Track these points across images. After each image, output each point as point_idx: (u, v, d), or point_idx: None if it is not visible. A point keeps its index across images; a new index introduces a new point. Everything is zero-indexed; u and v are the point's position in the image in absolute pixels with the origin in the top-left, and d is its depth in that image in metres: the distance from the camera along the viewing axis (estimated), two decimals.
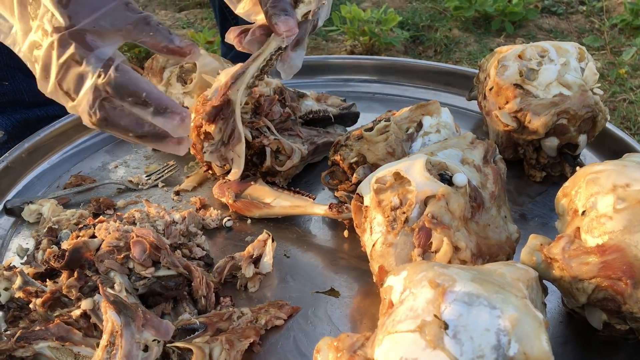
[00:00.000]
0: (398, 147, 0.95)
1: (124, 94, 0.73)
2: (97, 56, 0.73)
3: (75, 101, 0.74)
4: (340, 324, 0.83)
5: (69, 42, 0.72)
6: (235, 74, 0.93)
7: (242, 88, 0.93)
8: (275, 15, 0.88)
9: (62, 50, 0.72)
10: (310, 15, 0.93)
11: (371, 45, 2.66)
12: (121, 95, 0.73)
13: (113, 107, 0.74)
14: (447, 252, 0.73)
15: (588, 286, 0.69)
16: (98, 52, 0.73)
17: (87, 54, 0.72)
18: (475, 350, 0.55)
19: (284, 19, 0.88)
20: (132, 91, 0.73)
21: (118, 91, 0.73)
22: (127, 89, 0.73)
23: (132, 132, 0.75)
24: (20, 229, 1.02)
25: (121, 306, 0.70)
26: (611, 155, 1.07)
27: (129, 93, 0.73)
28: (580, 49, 1.07)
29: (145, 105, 0.74)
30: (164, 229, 0.92)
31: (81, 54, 0.72)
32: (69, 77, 0.73)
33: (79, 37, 0.73)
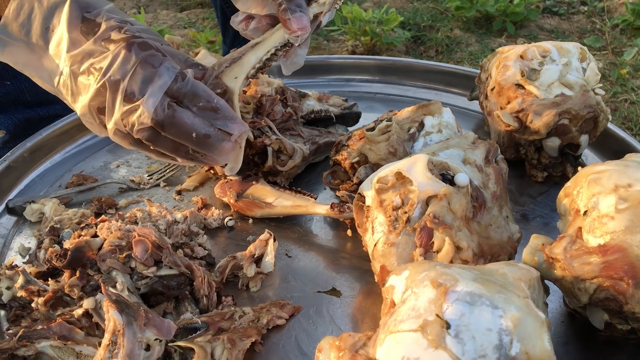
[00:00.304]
0: (400, 147, 0.95)
1: (198, 98, 0.77)
2: (170, 64, 0.77)
3: (138, 102, 0.75)
4: (342, 323, 0.83)
5: (142, 48, 0.76)
6: (231, 58, 0.88)
7: (241, 77, 0.88)
8: (290, 10, 0.85)
9: (132, 53, 0.75)
10: (322, 16, 0.91)
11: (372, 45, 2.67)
12: (195, 99, 0.77)
13: (178, 109, 0.77)
14: (448, 252, 0.73)
15: (590, 286, 0.69)
16: (168, 62, 0.77)
17: (162, 59, 0.76)
18: (477, 350, 0.55)
19: (299, 15, 0.85)
20: (205, 96, 0.78)
21: (193, 94, 0.77)
22: (201, 93, 0.77)
23: (196, 132, 0.77)
24: (22, 228, 1.02)
25: (123, 305, 0.70)
26: (613, 156, 1.07)
27: (203, 97, 0.77)
28: (582, 49, 1.07)
29: (214, 112, 0.78)
30: (166, 229, 0.92)
31: (156, 58, 0.76)
32: (135, 79, 0.75)
33: (150, 45, 0.77)
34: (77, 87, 0.79)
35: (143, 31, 0.79)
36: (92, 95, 0.77)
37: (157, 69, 0.76)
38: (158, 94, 0.76)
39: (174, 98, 0.77)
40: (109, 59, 0.76)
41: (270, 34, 0.89)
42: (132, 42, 0.76)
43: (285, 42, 0.88)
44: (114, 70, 0.76)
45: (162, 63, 0.76)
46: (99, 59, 0.76)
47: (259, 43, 0.88)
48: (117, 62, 0.75)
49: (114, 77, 0.76)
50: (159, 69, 0.76)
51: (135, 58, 0.76)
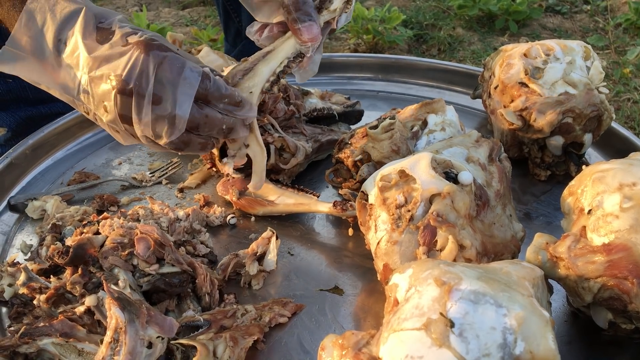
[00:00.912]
0: (403, 145, 0.95)
1: (224, 96, 0.79)
2: (192, 65, 0.76)
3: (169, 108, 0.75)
4: (344, 321, 0.83)
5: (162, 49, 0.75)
6: (243, 69, 0.86)
7: (256, 92, 0.85)
8: (299, 20, 0.85)
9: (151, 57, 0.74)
10: (334, 23, 0.89)
11: (375, 44, 2.66)
12: (221, 98, 0.79)
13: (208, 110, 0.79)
14: (452, 251, 0.73)
15: (594, 285, 0.69)
16: (190, 63, 0.76)
17: (184, 61, 0.75)
18: (481, 349, 0.55)
19: (308, 24, 0.85)
20: (229, 93, 0.80)
21: (219, 93, 0.78)
22: (224, 92, 0.79)
23: (226, 126, 0.80)
24: (24, 225, 1.02)
25: (125, 303, 0.70)
26: (616, 155, 1.06)
27: (228, 95, 0.80)
28: (585, 48, 1.07)
29: (237, 105, 0.81)
30: (168, 226, 0.92)
31: (178, 60, 0.75)
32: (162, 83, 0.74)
33: (167, 48, 0.76)
34: (99, 95, 0.76)
35: (157, 37, 0.78)
36: (116, 102, 0.75)
37: (181, 71, 0.75)
38: (189, 99, 0.75)
39: (200, 99, 0.77)
40: (130, 64, 0.74)
41: (280, 42, 0.88)
42: (151, 45, 0.74)
43: (297, 53, 0.87)
44: (137, 76, 0.74)
45: (184, 65, 0.75)
46: (118, 63, 0.74)
47: (270, 52, 0.87)
48: (138, 66, 0.74)
49: (138, 82, 0.74)
50: (184, 71, 0.75)
51: (155, 60, 0.74)
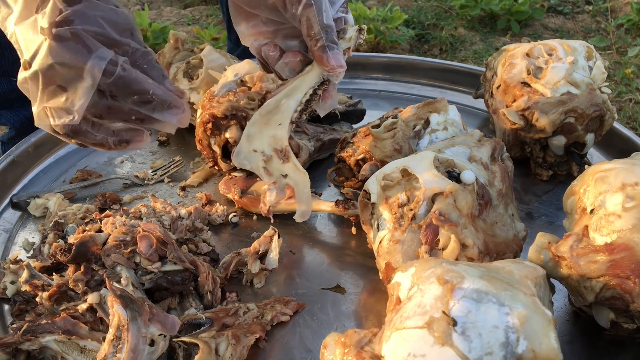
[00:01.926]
0: (405, 144, 0.95)
1: (130, 92, 0.73)
2: (99, 55, 0.71)
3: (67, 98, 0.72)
4: (346, 320, 0.83)
5: (69, 37, 0.70)
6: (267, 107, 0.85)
7: (285, 123, 0.84)
8: (328, 48, 0.81)
9: (61, 44, 0.70)
10: (349, 52, 0.88)
11: (376, 43, 2.66)
12: (126, 94, 0.73)
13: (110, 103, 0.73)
14: (454, 250, 0.73)
15: (596, 284, 0.69)
16: (99, 51, 0.72)
17: (89, 54, 0.71)
18: (483, 347, 0.55)
19: (336, 52, 0.82)
20: (138, 90, 0.73)
21: (124, 90, 0.72)
22: (132, 87, 0.73)
23: (135, 115, 0.74)
24: (26, 223, 1.02)
25: (128, 300, 0.70)
26: (618, 155, 1.06)
27: (135, 92, 0.73)
28: (588, 48, 1.07)
29: (149, 103, 0.74)
30: (170, 224, 0.92)
31: (83, 53, 0.71)
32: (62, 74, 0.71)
33: (79, 37, 0.71)
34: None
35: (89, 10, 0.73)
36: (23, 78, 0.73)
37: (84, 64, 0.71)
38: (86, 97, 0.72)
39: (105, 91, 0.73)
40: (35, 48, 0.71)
41: (301, 77, 0.85)
42: (59, 34, 0.70)
43: (322, 80, 0.84)
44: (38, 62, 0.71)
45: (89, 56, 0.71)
46: (28, 44, 0.72)
47: (293, 88, 0.85)
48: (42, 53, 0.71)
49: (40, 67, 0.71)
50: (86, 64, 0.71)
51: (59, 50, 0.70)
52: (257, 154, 0.86)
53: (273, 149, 0.85)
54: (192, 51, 1.24)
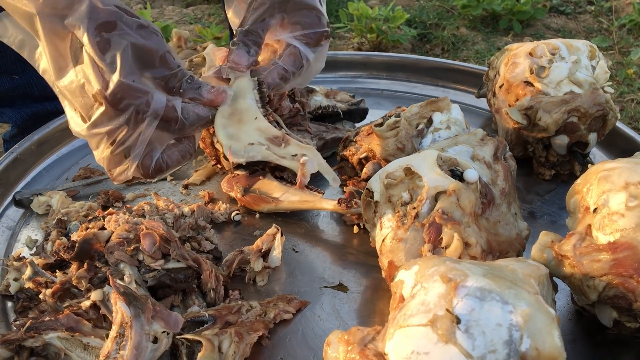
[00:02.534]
0: (408, 143, 0.95)
1: (194, 126, 0.83)
2: (154, 110, 0.77)
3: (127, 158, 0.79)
4: (349, 318, 0.83)
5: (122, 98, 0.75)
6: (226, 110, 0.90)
7: (262, 117, 0.90)
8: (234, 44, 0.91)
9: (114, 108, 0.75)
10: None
11: (378, 43, 2.66)
12: (192, 129, 0.84)
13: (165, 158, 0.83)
14: (457, 248, 0.73)
15: (599, 284, 0.69)
16: (155, 100, 0.77)
17: (148, 103, 0.77)
18: (487, 345, 0.55)
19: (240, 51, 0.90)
20: (200, 122, 0.84)
21: (189, 127, 0.82)
22: (196, 122, 0.83)
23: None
24: (29, 220, 1.02)
25: (131, 298, 0.70)
26: (621, 154, 1.06)
27: (198, 124, 0.84)
28: (591, 47, 1.07)
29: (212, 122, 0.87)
30: (173, 222, 0.92)
31: (142, 106, 0.76)
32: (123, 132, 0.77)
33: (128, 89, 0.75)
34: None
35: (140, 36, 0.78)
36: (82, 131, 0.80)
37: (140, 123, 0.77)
38: (139, 153, 0.78)
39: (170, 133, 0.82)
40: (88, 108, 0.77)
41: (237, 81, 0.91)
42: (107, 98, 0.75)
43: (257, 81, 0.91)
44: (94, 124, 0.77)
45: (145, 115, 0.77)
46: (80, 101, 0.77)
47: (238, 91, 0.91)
48: (97, 116, 0.76)
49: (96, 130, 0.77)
50: (142, 124, 0.77)
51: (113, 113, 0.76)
52: (256, 146, 0.86)
53: (266, 138, 0.87)
54: (195, 50, 1.25)
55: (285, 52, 0.93)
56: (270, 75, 0.92)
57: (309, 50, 0.94)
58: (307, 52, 0.94)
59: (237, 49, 0.90)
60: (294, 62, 0.93)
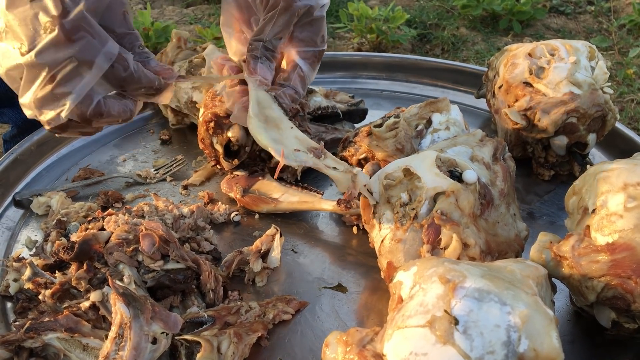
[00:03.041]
0: (407, 144, 0.95)
1: (139, 87, 0.78)
2: (109, 51, 0.73)
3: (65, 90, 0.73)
4: (348, 319, 0.83)
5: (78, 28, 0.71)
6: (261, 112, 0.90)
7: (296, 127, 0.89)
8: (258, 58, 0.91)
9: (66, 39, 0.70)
10: None
11: (378, 43, 2.66)
12: (137, 87, 0.77)
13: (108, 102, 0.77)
14: (456, 249, 0.73)
15: (597, 284, 0.69)
16: (109, 45, 0.73)
17: (101, 46, 0.72)
18: (485, 346, 0.55)
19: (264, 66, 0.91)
20: (146, 84, 0.78)
21: (135, 83, 0.77)
22: (142, 83, 0.77)
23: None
24: (29, 221, 1.02)
25: (130, 298, 0.71)
26: (620, 155, 1.06)
27: (144, 84, 0.78)
28: (590, 48, 1.07)
29: (156, 91, 0.80)
30: (173, 223, 0.92)
31: (94, 46, 0.72)
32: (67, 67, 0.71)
33: (88, 29, 0.72)
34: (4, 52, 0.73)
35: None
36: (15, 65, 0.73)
37: (93, 59, 0.72)
38: (81, 93, 0.73)
39: (112, 84, 0.77)
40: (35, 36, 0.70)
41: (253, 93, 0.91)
42: (68, 26, 0.70)
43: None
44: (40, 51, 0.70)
45: (97, 54, 0.72)
46: (27, 31, 0.71)
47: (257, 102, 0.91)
48: (46, 43, 0.70)
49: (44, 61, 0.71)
50: (95, 60, 0.72)
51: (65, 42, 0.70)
52: (302, 153, 0.85)
53: (307, 148, 0.86)
54: (195, 50, 1.25)
55: (294, 73, 0.95)
56: (284, 95, 0.93)
57: (311, 71, 0.97)
58: (309, 73, 0.97)
59: (262, 63, 0.91)
60: (302, 84, 0.96)
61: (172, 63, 1.21)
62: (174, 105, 1.20)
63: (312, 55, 0.95)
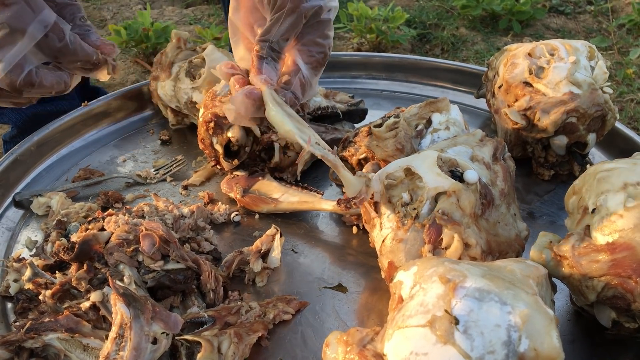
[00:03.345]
0: (407, 144, 0.95)
1: (74, 60, 0.77)
2: (44, 19, 0.72)
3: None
4: (348, 319, 0.83)
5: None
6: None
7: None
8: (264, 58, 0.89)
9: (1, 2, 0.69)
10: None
11: (378, 43, 2.66)
12: (72, 59, 0.77)
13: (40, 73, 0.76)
14: (457, 249, 0.73)
15: (598, 284, 0.69)
16: (44, 14, 0.72)
17: (34, 15, 0.71)
18: (485, 346, 0.55)
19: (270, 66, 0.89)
20: (83, 58, 0.77)
21: (69, 57, 0.76)
22: (78, 56, 0.77)
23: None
24: (29, 221, 1.02)
25: (130, 299, 0.71)
26: (620, 155, 1.06)
27: (80, 58, 0.77)
28: (590, 48, 1.07)
29: (89, 66, 0.79)
30: (173, 223, 0.92)
31: (28, 14, 0.71)
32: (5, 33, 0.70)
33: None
34: None
35: None
36: None
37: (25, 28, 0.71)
38: (11, 61, 0.72)
39: (46, 54, 0.75)
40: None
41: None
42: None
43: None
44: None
45: (30, 21, 0.71)
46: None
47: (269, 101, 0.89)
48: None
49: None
50: (27, 28, 0.71)
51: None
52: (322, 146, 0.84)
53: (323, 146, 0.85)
54: (195, 50, 1.25)
55: (295, 77, 0.93)
56: (284, 99, 0.92)
57: (313, 76, 0.95)
58: (311, 78, 0.94)
59: (268, 64, 0.89)
60: (303, 90, 0.93)
61: (171, 63, 1.21)
62: (173, 106, 1.20)
63: (316, 60, 0.93)
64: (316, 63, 0.94)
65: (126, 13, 3.10)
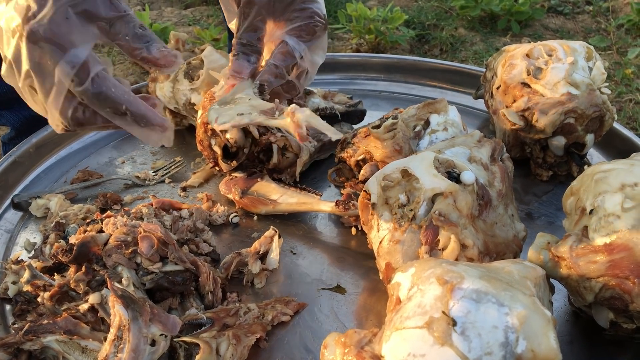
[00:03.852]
0: (405, 145, 0.95)
1: (102, 105, 0.70)
2: (71, 60, 0.68)
3: (46, 102, 0.70)
4: (346, 320, 0.83)
5: (40, 36, 0.66)
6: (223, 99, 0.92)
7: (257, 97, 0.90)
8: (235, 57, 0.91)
9: (31, 47, 0.67)
10: None
11: (377, 44, 2.66)
12: (99, 106, 0.70)
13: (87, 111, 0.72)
14: (454, 250, 0.73)
15: (595, 285, 0.69)
16: (72, 54, 0.68)
17: (60, 56, 0.67)
18: (483, 347, 0.55)
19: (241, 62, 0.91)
20: (110, 103, 0.70)
21: (95, 101, 0.70)
22: (105, 101, 0.70)
23: (111, 126, 0.73)
24: (27, 223, 1.02)
25: (129, 300, 0.71)
26: (618, 155, 1.06)
27: (107, 105, 0.70)
28: (588, 48, 1.07)
29: (124, 116, 0.71)
30: (171, 225, 0.92)
31: (54, 56, 0.67)
32: (39, 78, 0.68)
33: (50, 32, 0.66)
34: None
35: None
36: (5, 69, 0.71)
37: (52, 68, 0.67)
38: (59, 101, 0.69)
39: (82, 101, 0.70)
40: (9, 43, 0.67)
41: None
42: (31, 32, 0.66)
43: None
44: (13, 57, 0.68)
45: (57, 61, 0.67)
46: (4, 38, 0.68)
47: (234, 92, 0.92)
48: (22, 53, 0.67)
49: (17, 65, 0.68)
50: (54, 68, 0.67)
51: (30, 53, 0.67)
52: (246, 115, 0.85)
53: (260, 111, 0.86)
54: (193, 52, 1.25)
55: (277, 49, 0.94)
56: (263, 75, 0.92)
57: (300, 43, 0.92)
58: (297, 45, 0.92)
59: (237, 59, 0.90)
60: (283, 58, 0.93)
61: None
62: (172, 107, 1.20)
63: (302, 29, 0.90)
64: (300, 31, 0.90)
65: None
